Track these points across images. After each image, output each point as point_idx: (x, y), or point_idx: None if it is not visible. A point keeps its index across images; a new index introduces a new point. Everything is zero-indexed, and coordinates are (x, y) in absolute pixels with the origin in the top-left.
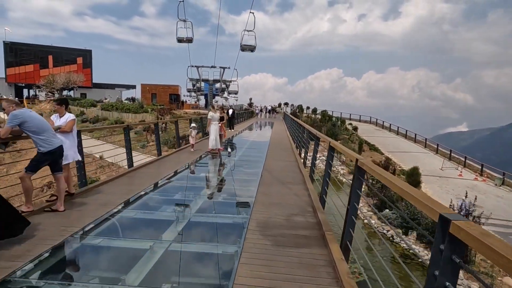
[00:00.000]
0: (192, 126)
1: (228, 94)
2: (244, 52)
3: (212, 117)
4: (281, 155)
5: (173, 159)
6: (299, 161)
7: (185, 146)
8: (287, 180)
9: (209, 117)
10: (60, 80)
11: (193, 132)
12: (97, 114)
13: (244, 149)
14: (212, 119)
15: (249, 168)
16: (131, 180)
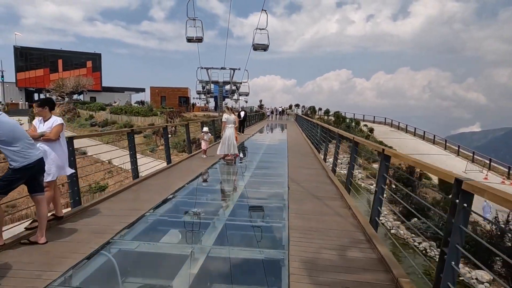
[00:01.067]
0: (204, 130)
1: (239, 95)
2: (257, 51)
3: (227, 120)
4: (304, 161)
5: (184, 167)
6: (326, 168)
7: (196, 152)
8: (320, 194)
9: (224, 119)
10: (69, 84)
11: (205, 137)
12: (106, 118)
13: (260, 154)
14: (227, 121)
15: (271, 177)
16: (136, 195)
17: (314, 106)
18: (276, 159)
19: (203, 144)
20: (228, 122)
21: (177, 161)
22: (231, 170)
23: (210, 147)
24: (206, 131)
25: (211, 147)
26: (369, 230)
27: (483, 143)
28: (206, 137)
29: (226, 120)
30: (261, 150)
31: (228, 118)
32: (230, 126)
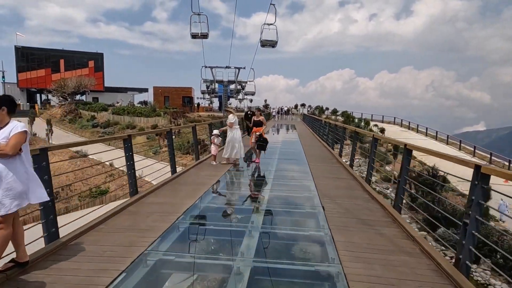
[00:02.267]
0: (215, 133)
1: (244, 95)
2: (265, 47)
3: (235, 121)
4: (328, 168)
5: (191, 178)
6: (358, 178)
7: (204, 158)
8: (365, 216)
9: (231, 120)
10: (71, 84)
11: (216, 140)
12: (108, 119)
13: (276, 160)
14: (235, 123)
15: (297, 191)
16: (132, 223)
17: (322, 106)
18: (296, 166)
19: (213, 148)
20: (236, 123)
21: (183, 170)
22: (246, 181)
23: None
24: (216, 133)
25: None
26: (457, 276)
27: (487, 142)
28: (217, 141)
29: (234, 121)
30: (275, 155)
31: (235, 120)
32: (237, 128)
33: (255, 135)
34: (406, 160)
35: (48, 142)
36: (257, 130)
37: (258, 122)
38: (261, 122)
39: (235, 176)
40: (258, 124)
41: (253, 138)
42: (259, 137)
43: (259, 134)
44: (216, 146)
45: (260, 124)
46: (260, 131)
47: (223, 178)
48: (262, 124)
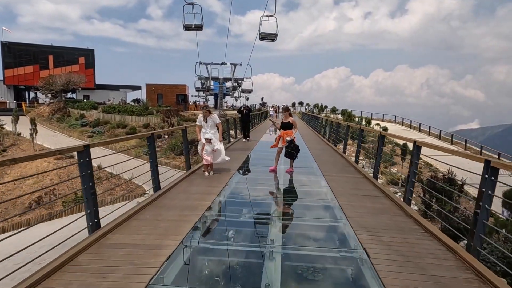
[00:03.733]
0: (207, 137)
1: (241, 92)
2: (264, 41)
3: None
4: (347, 178)
5: (178, 199)
6: (393, 197)
7: (196, 168)
8: (416, 249)
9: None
10: (59, 81)
11: (209, 147)
12: (98, 117)
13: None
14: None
15: (322, 221)
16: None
17: (322, 104)
18: (308, 177)
19: (205, 157)
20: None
21: (169, 185)
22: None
23: None
24: (208, 137)
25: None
26: None
27: (481, 140)
28: (209, 148)
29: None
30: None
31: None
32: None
33: (285, 140)
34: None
35: (32, 142)
36: (286, 133)
37: (287, 124)
38: (291, 124)
39: (234, 196)
40: (287, 127)
41: (279, 142)
42: (290, 143)
43: (290, 139)
44: (209, 154)
45: (289, 127)
46: (291, 136)
47: (220, 196)
48: (292, 127)
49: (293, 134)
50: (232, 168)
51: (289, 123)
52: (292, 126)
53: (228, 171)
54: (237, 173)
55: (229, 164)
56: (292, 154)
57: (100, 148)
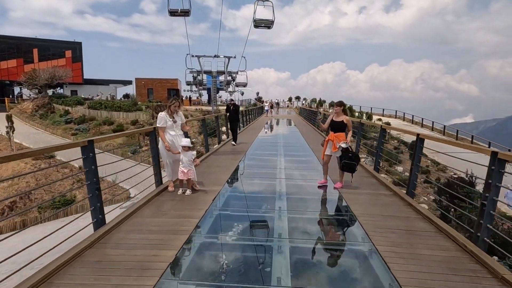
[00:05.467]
0: (184, 143)
1: (236, 86)
2: (259, 28)
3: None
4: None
5: (130, 242)
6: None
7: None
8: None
9: (168, 123)
10: (43, 76)
11: (185, 158)
12: (84, 114)
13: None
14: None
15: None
16: None
17: (320, 98)
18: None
19: (182, 169)
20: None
21: (128, 211)
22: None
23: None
24: (187, 144)
25: (203, 172)
26: None
27: (475, 134)
28: (187, 158)
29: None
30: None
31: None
32: (176, 134)
33: (337, 146)
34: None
35: (10, 141)
36: (338, 138)
37: (339, 125)
38: (345, 124)
39: (218, 225)
40: (340, 128)
41: (327, 148)
42: (345, 151)
43: (346, 146)
44: (188, 166)
45: (342, 128)
46: (347, 142)
47: (201, 228)
48: (345, 128)
49: (348, 139)
50: (218, 182)
51: (343, 122)
52: (346, 127)
53: (212, 188)
54: (225, 190)
55: (212, 178)
56: (352, 166)
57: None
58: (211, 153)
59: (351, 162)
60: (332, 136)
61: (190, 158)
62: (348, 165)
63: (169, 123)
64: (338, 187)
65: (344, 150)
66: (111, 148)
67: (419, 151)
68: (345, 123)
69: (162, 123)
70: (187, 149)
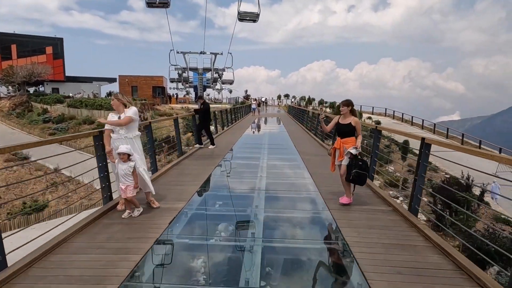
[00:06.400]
0: (122, 150)
1: (222, 84)
2: (243, 22)
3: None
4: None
5: (58, 275)
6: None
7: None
8: None
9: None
10: (21, 73)
11: (123, 169)
12: (63, 112)
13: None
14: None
15: None
16: None
17: (309, 96)
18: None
19: (120, 185)
20: (128, 130)
21: (64, 235)
22: None
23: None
24: (124, 151)
25: (169, 182)
26: None
27: (461, 131)
28: (126, 169)
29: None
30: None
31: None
32: (119, 137)
33: (344, 153)
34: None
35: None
36: (346, 144)
37: (346, 128)
38: (352, 127)
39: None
40: (347, 131)
41: (335, 156)
42: (354, 160)
43: (355, 151)
44: (130, 186)
45: (350, 132)
46: (357, 147)
47: (142, 271)
48: (354, 132)
49: (358, 144)
50: (183, 196)
51: (351, 125)
52: (354, 131)
53: (173, 205)
54: (189, 208)
55: (178, 190)
56: (361, 177)
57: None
58: (185, 157)
59: (361, 172)
60: (339, 143)
61: (126, 171)
62: (359, 175)
63: None
64: (346, 203)
65: (353, 157)
66: (84, 147)
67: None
68: (353, 126)
69: (108, 125)
70: (125, 158)
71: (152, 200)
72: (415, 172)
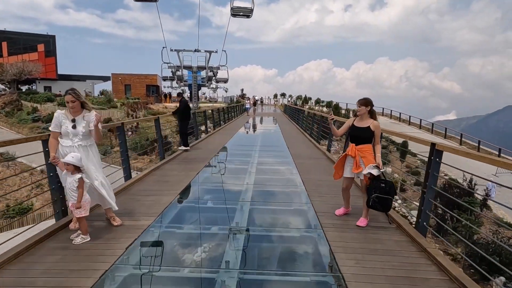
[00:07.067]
0: (70, 161)
1: (216, 82)
2: (236, 18)
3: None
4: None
5: None
6: None
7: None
8: None
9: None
10: (11, 71)
11: (70, 183)
12: (53, 111)
13: None
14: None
15: None
16: None
17: (306, 95)
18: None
19: (70, 202)
20: (77, 133)
21: None
22: None
23: None
24: (70, 161)
25: (142, 191)
26: None
27: (458, 130)
28: (74, 181)
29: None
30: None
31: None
32: (73, 145)
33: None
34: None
35: None
36: (362, 152)
37: (363, 132)
38: (371, 132)
39: None
40: (364, 137)
41: (346, 167)
42: (374, 181)
43: (377, 173)
44: (70, 198)
45: (367, 138)
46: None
47: None
48: (371, 138)
49: (378, 159)
50: (153, 210)
51: (369, 130)
52: (371, 137)
53: (138, 223)
54: (156, 227)
55: (149, 202)
56: (384, 202)
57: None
58: (166, 161)
59: (385, 196)
60: (353, 149)
61: (71, 185)
62: (382, 201)
63: (65, 128)
64: (362, 225)
65: (372, 177)
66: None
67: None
68: (372, 131)
69: (54, 125)
70: (71, 170)
71: (113, 216)
72: (423, 183)
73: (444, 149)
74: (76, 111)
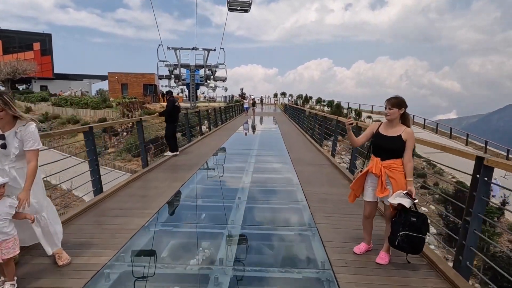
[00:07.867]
0: None
1: (215, 81)
2: (233, 13)
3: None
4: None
5: None
6: None
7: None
8: None
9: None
10: (5, 69)
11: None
12: (47, 111)
13: None
14: None
15: None
16: None
17: (307, 95)
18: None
19: None
20: (7, 154)
21: None
22: None
23: None
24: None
25: (111, 210)
26: None
27: (458, 129)
28: (6, 215)
29: None
30: None
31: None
32: (3, 168)
33: (392, 202)
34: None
35: None
36: (390, 169)
37: (393, 143)
38: (402, 142)
39: None
40: (393, 149)
41: (368, 189)
42: (404, 213)
43: (409, 204)
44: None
45: (397, 150)
46: (410, 194)
47: None
48: (402, 151)
49: (411, 186)
50: (118, 237)
51: (400, 140)
52: (403, 151)
53: (91, 262)
54: (114, 265)
55: (116, 225)
56: (414, 242)
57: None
58: (150, 169)
59: (414, 234)
60: (379, 165)
61: (3, 215)
62: (411, 239)
63: None
64: (383, 263)
65: (403, 207)
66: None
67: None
68: (403, 141)
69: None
70: (2, 192)
71: (58, 253)
72: (465, 210)
73: (496, 165)
74: (4, 124)
